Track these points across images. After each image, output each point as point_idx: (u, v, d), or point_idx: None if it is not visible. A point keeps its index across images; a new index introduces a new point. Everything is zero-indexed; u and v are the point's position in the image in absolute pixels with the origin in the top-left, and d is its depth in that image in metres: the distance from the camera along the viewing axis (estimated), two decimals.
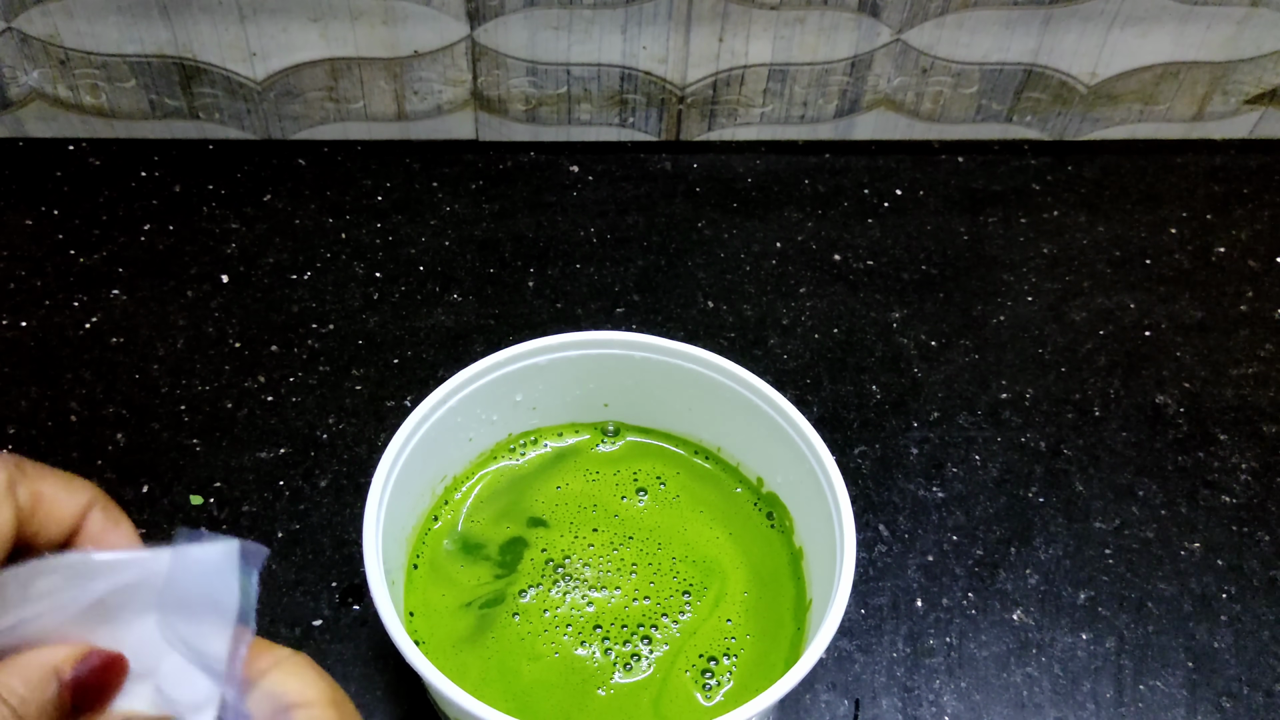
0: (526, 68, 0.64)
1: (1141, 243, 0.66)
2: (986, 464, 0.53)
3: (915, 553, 0.50)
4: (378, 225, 0.63)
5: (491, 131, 0.68)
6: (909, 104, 0.69)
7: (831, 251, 0.63)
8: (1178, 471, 0.54)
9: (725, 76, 0.66)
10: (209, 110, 0.65)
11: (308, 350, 0.56)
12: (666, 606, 0.42)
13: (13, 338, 0.55)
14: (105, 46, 0.61)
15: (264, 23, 0.61)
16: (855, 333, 0.59)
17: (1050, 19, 0.64)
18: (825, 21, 0.63)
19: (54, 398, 0.53)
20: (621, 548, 0.44)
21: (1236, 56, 0.68)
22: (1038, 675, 0.46)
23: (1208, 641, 0.47)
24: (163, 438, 0.52)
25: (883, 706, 0.45)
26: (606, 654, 0.40)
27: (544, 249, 0.62)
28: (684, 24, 0.63)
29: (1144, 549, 0.51)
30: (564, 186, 0.66)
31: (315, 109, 0.66)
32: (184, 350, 0.55)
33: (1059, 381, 0.57)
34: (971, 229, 0.65)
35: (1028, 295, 0.62)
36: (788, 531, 0.44)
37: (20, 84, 0.63)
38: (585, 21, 0.62)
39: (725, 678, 0.40)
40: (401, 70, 0.64)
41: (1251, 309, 0.62)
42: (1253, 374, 0.59)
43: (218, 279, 0.59)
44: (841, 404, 0.55)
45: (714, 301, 0.60)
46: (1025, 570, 0.49)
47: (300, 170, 0.66)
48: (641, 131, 0.69)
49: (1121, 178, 0.70)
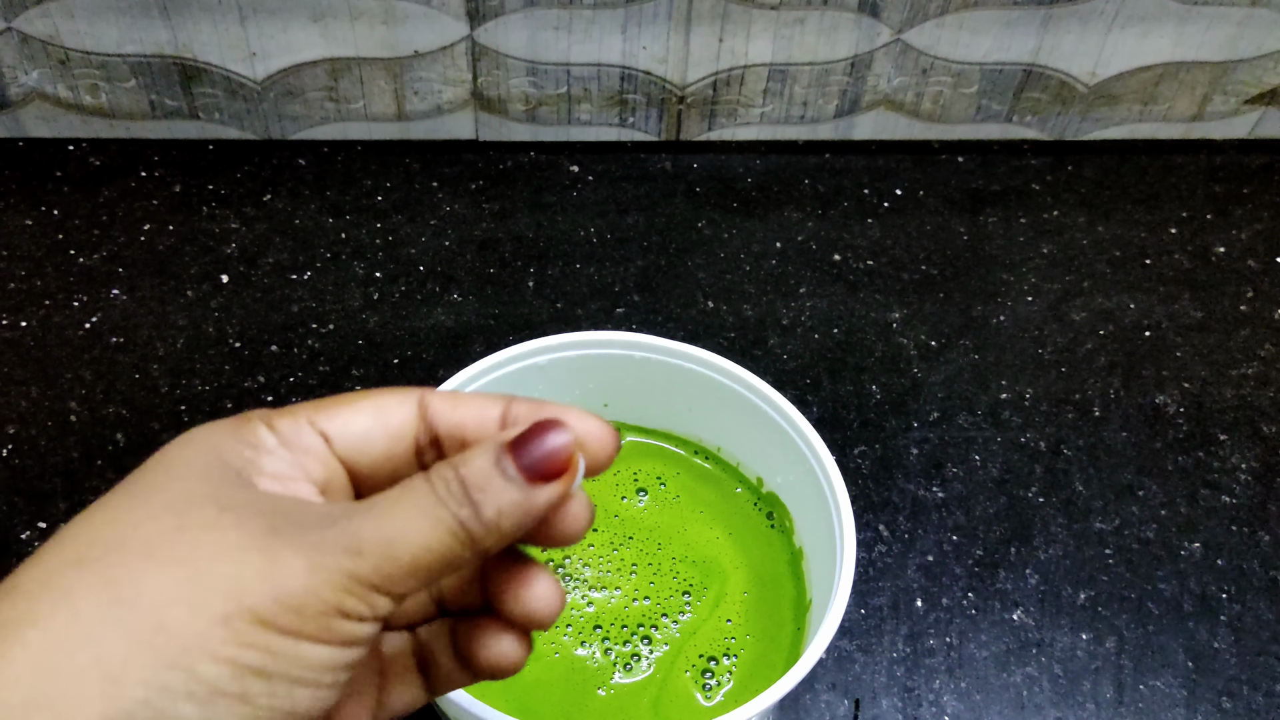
0: (526, 68, 0.64)
1: (1141, 243, 0.66)
2: (986, 464, 0.53)
3: (915, 553, 0.50)
4: (378, 225, 0.63)
5: (491, 131, 0.68)
6: (909, 104, 0.69)
7: (831, 251, 0.63)
8: (1178, 471, 0.54)
9: (725, 76, 0.66)
10: (209, 110, 0.65)
11: (308, 350, 0.56)
12: (666, 606, 0.42)
13: (13, 338, 0.55)
14: (105, 46, 0.61)
15: (264, 23, 0.61)
16: (855, 333, 0.59)
17: (1050, 19, 0.64)
18: (825, 21, 0.63)
19: (54, 398, 0.53)
20: (621, 548, 0.44)
21: (1236, 56, 0.68)
22: (1038, 675, 0.46)
23: (1208, 641, 0.47)
24: (163, 438, 0.51)
25: (883, 706, 0.45)
26: (606, 654, 0.40)
27: (544, 249, 0.62)
28: (684, 24, 0.63)
29: (1144, 549, 0.51)
30: (564, 186, 0.66)
31: (315, 109, 0.66)
32: (184, 350, 0.55)
33: (1059, 381, 0.57)
34: (971, 229, 0.65)
35: (1028, 295, 0.62)
36: (788, 531, 0.44)
37: (20, 84, 0.63)
38: (585, 21, 0.62)
39: (725, 678, 0.40)
40: (401, 70, 0.64)
41: (1251, 309, 0.62)
42: (1253, 374, 0.59)
43: (218, 279, 0.59)
44: (841, 404, 0.55)
45: (714, 301, 0.60)
46: (1025, 570, 0.49)
47: (300, 170, 0.66)
48: (641, 131, 0.69)
49: (1121, 178, 0.70)
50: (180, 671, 0.19)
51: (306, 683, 0.20)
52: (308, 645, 0.20)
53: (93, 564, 0.20)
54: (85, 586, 0.19)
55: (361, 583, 0.20)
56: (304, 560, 0.20)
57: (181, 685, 0.19)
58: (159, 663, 0.19)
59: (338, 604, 0.20)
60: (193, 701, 0.19)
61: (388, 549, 0.20)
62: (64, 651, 0.18)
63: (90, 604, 0.19)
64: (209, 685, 0.19)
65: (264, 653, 0.19)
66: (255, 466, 0.23)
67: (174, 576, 0.19)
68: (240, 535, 0.20)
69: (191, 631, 0.19)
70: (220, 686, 0.19)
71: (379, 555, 0.20)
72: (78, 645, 0.18)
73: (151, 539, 0.20)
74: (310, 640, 0.20)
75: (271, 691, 0.20)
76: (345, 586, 0.20)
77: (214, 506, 0.21)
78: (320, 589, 0.20)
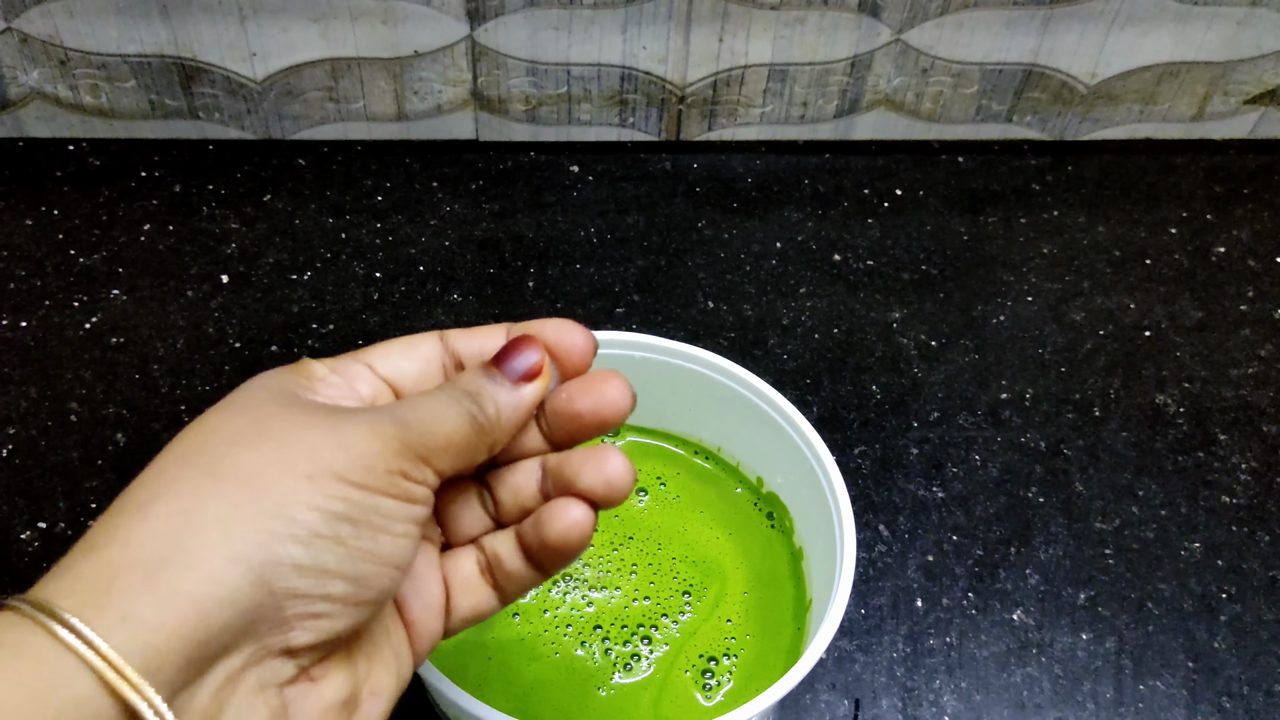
0: (526, 68, 0.64)
1: (1141, 243, 0.66)
2: (986, 464, 0.53)
3: (915, 553, 0.50)
4: (378, 225, 0.63)
5: (491, 131, 0.68)
6: (909, 104, 0.69)
7: (831, 251, 0.63)
8: (1178, 471, 0.54)
9: (725, 76, 0.66)
10: (209, 110, 0.65)
11: (308, 350, 0.56)
12: (666, 607, 0.42)
13: (13, 338, 0.55)
14: (105, 46, 0.61)
15: (264, 23, 0.61)
16: (855, 333, 0.59)
17: (1050, 19, 0.64)
18: (825, 21, 0.63)
19: (54, 398, 0.53)
20: (621, 548, 0.44)
21: (1236, 56, 0.68)
22: (1038, 675, 0.46)
23: (1208, 641, 0.47)
24: (163, 438, 0.51)
25: (883, 706, 0.45)
26: (606, 654, 0.40)
27: (544, 249, 0.62)
28: (684, 24, 0.63)
29: (1144, 549, 0.51)
30: (564, 186, 0.66)
31: (315, 109, 0.66)
32: (184, 350, 0.55)
33: (1059, 381, 0.57)
34: (971, 229, 0.65)
35: (1028, 295, 0.62)
36: (788, 531, 0.44)
37: (20, 84, 0.63)
38: (585, 21, 0.62)
39: (725, 678, 0.40)
40: (401, 70, 0.64)
41: (1251, 309, 0.62)
42: (1253, 374, 0.59)
43: (218, 279, 0.59)
44: (841, 404, 0.55)
45: (714, 301, 0.60)
46: (1025, 570, 0.49)
47: (300, 170, 0.66)
48: (641, 131, 0.69)
49: (1121, 178, 0.70)
50: (282, 519, 0.23)
51: (385, 530, 0.24)
52: (380, 498, 0.24)
53: (194, 457, 0.24)
54: (192, 470, 0.24)
55: (412, 449, 0.25)
56: (365, 429, 0.25)
57: (285, 530, 0.23)
58: (263, 514, 0.23)
59: (399, 466, 0.25)
60: (297, 543, 0.23)
61: (426, 427, 0.26)
62: (183, 515, 0.22)
63: (197, 482, 0.23)
64: (308, 529, 0.23)
65: (346, 502, 0.24)
66: (311, 390, 0.27)
67: (260, 453, 0.24)
68: (310, 418, 0.25)
69: (284, 489, 0.23)
70: (317, 529, 0.23)
71: (421, 430, 0.26)
72: (193, 510, 0.23)
73: (236, 435, 0.24)
74: (381, 494, 0.24)
75: (358, 535, 0.24)
76: (400, 451, 0.25)
77: (283, 407, 0.25)
78: (383, 451, 0.25)
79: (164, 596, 0.21)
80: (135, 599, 0.21)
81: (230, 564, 0.22)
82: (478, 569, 0.30)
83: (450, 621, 0.29)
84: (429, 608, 0.29)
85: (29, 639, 0.20)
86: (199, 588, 0.22)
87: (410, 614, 0.28)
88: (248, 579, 0.22)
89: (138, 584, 0.21)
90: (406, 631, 0.28)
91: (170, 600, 0.21)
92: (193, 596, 0.21)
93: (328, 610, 0.24)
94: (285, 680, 0.24)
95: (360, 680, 0.26)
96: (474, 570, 0.30)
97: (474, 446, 0.27)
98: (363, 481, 0.24)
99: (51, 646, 0.20)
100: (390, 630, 0.28)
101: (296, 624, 0.23)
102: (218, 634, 0.22)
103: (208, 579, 0.22)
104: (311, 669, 0.25)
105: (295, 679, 0.24)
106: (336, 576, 0.24)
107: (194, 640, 0.21)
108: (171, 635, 0.21)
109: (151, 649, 0.21)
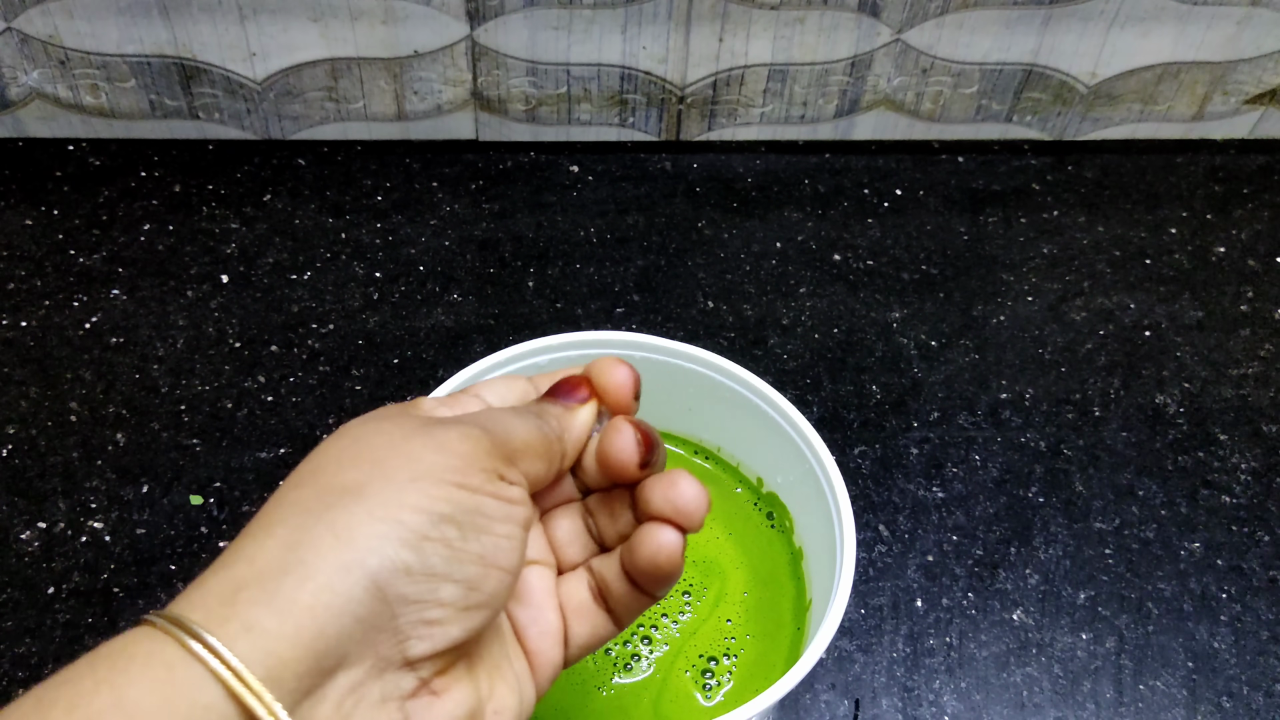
0: (526, 68, 0.64)
1: (1141, 243, 0.66)
2: (986, 464, 0.53)
3: (915, 553, 0.50)
4: (378, 225, 0.63)
5: (491, 131, 0.68)
6: (909, 104, 0.69)
7: (831, 251, 0.63)
8: (1178, 471, 0.54)
9: (725, 76, 0.66)
10: (209, 110, 0.65)
11: (308, 350, 0.56)
12: (666, 606, 0.42)
13: (13, 338, 0.55)
14: (105, 46, 0.61)
15: (264, 23, 0.61)
16: (855, 333, 0.59)
17: (1050, 19, 0.64)
18: (825, 21, 0.63)
19: (54, 398, 0.53)
20: None
21: (1236, 56, 0.68)
22: (1038, 675, 0.46)
23: (1208, 641, 0.47)
24: (163, 438, 0.52)
25: (883, 706, 0.45)
26: (606, 654, 0.40)
27: (544, 249, 0.62)
28: (684, 24, 0.63)
29: (1144, 549, 0.51)
30: (564, 186, 0.66)
31: (315, 109, 0.66)
32: (184, 350, 0.55)
33: (1059, 381, 0.57)
34: (971, 229, 0.65)
35: (1028, 295, 0.62)
36: (788, 531, 0.44)
37: (20, 84, 0.63)
38: (585, 21, 0.62)
39: (725, 678, 0.40)
40: (401, 70, 0.64)
41: (1251, 309, 0.62)
42: (1253, 374, 0.59)
43: (218, 279, 0.59)
44: (841, 404, 0.55)
45: (714, 301, 0.60)
46: (1025, 570, 0.49)
47: (300, 170, 0.66)
48: (641, 131, 0.69)
49: (1121, 178, 0.70)
50: (390, 523, 0.24)
51: (488, 531, 0.26)
52: (481, 498, 0.26)
53: (307, 480, 0.26)
54: (305, 493, 0.25)
55: (500, 449, 0.27)
56: (457, 433, 0.26)
57: (394, 533, 0.24)
58: (371, 519, 0.24)
59: (492, 465, 0.26)
60: (406, 547, 0.24)
61: (507, 433, 0.28)
62: (301, 530, 0.24)
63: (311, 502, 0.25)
64: (415, 531, 0.24)
65: (449, 503, 0.25)
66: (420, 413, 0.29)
67: (365, 468, 0.25)
68: (407, 430, 0.27)
69: (389, 494, 0.25)
70: (424, 532, 0.24)
71: (503, 435, 0.27)
72: (309, 525, 0.24)
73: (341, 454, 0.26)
74: (481, 493, 0.26)
75: (464, 536, 0.25)
76: (491, 451, 0.27)
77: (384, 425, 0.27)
78: (475, 452, 0.26)
79: (283, 606, 0.22)
80: (257, 610, 0.22)
81: (344, 571, 0.23)
82: (590, 594, 0.31)
83: (569, 650, 0.30)
84: (547, 635, 0.30)
85: (162, 649, 0.22)
86: (316, 597, 0.23)
87: (529, 643, 0.29)
88: (361, 585, 0.23)
89: (259, 596, 0.23)
90: (528, 660, 0.29)
91: (289, 610, 0.22)
92: (310, 605, 0.23)
93: (440, 616, 0.24)
94: (407, 693, 0.25)
95: (483, 698, 0.27)
96: (587, 596, 0.31)
97: (547, 454, 0.29)
98: (463, 481, 0.25)
99: (181, 656, 0.22)
100: (512, 657, 0.29)
101: (412, 632, 0.24)
102: (335, 643, 0.23)
103: (324, 588, 0.23)
104: (433, 682, 0.25)
105: (417, 692, 0.25)
106: (445, 580, 0.24)
107: (313, 649, 0.22)
108: (292, 644, 0.22)
109: (274, 657, 0.22)
